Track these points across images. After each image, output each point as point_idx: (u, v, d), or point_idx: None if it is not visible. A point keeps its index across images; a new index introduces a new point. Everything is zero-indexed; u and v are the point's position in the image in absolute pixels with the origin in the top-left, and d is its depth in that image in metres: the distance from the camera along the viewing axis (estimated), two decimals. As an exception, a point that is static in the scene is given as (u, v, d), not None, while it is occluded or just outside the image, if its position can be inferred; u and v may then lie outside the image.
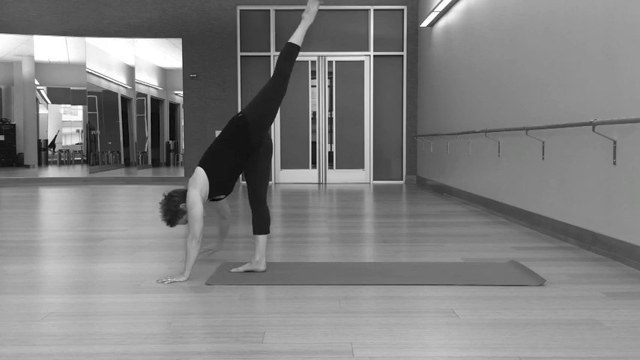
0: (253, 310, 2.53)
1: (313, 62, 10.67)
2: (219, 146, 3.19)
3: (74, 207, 6.75)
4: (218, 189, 3.20)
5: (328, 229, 4.94)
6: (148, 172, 12.65)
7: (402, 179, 10.86)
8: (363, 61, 10.68)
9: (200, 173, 3.15)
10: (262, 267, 3.28)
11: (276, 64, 3.23)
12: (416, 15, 10.58)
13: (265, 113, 3.19)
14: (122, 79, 14.50)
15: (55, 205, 6.92)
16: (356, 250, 3.99)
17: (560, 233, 4.42)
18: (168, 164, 16.66)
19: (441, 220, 5.50)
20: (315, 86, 10.73)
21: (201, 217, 3.07)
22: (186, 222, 3.21)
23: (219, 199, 3.39)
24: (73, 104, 16.86)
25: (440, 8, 8.16)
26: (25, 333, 2.24)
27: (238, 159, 3.19)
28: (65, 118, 16.89)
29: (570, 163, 4.28)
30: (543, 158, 4.76)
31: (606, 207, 3.76)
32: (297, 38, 3.25)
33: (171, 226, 3.24)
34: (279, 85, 3.20)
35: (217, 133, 10.64)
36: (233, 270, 3.29)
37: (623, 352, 2.03)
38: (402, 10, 10.67)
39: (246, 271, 3.28)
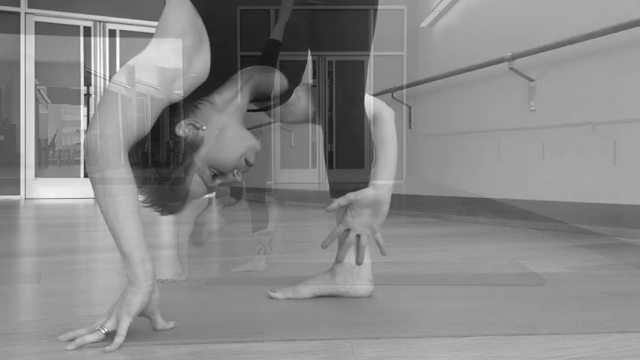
0: (253, 310, 2.53)
1: (313, 62, 10.65)
2: None
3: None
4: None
5: (328, 230, 4.93)
6: (147, 172, 12.63)
7: (402, 179, 10.85)
8: (363, 61, 10.66)
9: None
10: (262, 267, 3.28)
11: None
12: (416, 15, 10.57)
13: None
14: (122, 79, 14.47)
15: (55, 205, 6.91)
16: (356, 250, 3.98)
17: (560, 233, 4.41)
18: (168, 164, 16.63)
19: (441, 219, 5.50)
20: (315, 86, 10.71)
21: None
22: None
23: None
24: (72, 104, 16.84)
25: (440, 8, 8.16)
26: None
27: None
28: (65, 117, 16.88)
29: (570, 162, 4.28)
30: (543, 158, 4.76)
31: (606, 207, 3.76)
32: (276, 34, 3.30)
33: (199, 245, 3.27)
34: None
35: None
36: (233, 270, 3.29)
37: (624, 352, 2.03)
38: (402, 10, 10.66)
39: (245, 271, 3.28)
